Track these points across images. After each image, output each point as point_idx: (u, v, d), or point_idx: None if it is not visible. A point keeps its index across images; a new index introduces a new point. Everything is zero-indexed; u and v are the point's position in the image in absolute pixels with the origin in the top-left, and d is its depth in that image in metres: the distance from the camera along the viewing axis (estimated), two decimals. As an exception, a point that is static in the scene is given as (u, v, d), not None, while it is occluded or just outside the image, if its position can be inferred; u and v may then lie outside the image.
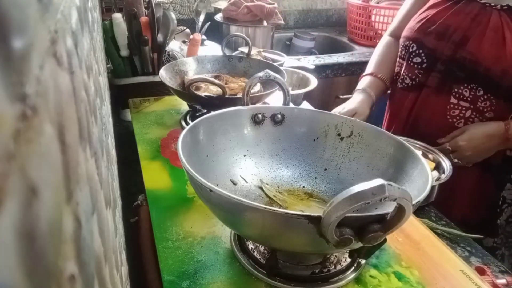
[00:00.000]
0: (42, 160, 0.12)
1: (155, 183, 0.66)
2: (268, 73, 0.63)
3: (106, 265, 0.26)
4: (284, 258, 0.49)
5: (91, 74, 0.34)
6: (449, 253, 0.54)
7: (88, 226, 0.20)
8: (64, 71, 0.18)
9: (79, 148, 0.20)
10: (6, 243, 0.09)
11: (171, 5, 1.78)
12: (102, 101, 0.48)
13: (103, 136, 0.40)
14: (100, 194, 0.28)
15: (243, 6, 1.52)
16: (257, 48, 1.37)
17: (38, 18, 0.14)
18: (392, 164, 0.56)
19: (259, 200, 0.59)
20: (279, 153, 0.63)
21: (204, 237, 0.54)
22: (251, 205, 0.39)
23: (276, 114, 0.63)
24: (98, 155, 0.30)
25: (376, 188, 0.34)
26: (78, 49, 0.24)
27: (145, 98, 0.97)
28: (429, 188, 0.44)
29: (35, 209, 0.11)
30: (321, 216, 0.37)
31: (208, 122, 0.58)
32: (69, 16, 0.22)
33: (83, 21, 0.31)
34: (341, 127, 0.61)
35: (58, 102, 0.15)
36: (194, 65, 0.94)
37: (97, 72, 0.45)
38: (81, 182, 0.19)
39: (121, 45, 0.99)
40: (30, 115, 0.11)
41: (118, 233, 0.43)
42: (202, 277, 0.48)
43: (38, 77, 0.13)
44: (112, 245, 0.32)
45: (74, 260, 0.15)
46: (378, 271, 0.51)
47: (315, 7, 2.13)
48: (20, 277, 0.10)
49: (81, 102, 0.23)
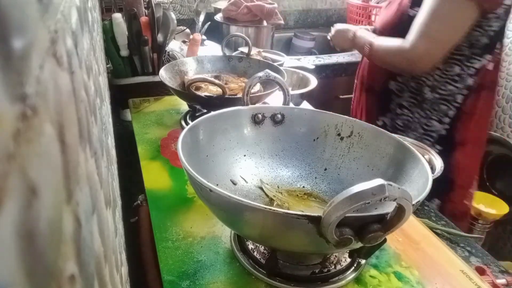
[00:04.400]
0: (42, 160, 0.12)
1: (155, 183, 0.66)
2: (268, 73, 0.63)
3: (106, 265, 0.26)
4: (284, 258, 0.49)
5: (91, 74, 0.34)
6: (449, 253, 0.54)
7: (88, 226, 0.20)
8: (64, 71, 0.18)
9: (79, 148, 0.20)
10: (6, 243, 0.09)
11: (171, 5, 1.78)
12: (102, 101, 0.48)
13: (103, 136, 0.40)
14: (100, 194, 0.28)
15: (243, 6, 1.52)
16: (257, 48, 1.37)
17: (38, 18, 0.14)
18: (392, 164, 0.56)
19: (259, 200, 0.59)
20: (279, 153, 0.63)
21: (204, 237, 0.54)
22: (251, 205, 0.39)
23: (276, 114, 0.63)
24: (98, 155, 0.30)
25: (376, 188, 0.34)
26: (78, 49, 0.24)
27: (145, 98, 0.97)
28: (429, 188, 0.44)
29: (35, 209, 0.11)
30: (321, 216, 0.37)
31: (208, 122, 0.58)
32: (69, 16, 0.22)
33: (83, 21, 0.31)
34: (341, 127, 0.61)
35: (58, 102, 0.15)
36: (194, 65, 0.94)
37: (97, 72, 0.45)
38: (81, 182, 0.19)
39: (121, 45, 0.99)
40: (30, 115, 0.11)
41: (118, 233, 0.43)
42: (202, 277, 0.48)
43: (38, 77, 0.13)
44: (112, 245, 0.32)
45: (74, 260, 0.15)
46: (378, 271, 0.51)
47: (315, 7, 2.13)
48: (20, 277, 0.10)
49: (81, 102, 0.23)
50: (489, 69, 0.99)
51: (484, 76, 1.00)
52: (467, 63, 0.98)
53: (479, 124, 1.04)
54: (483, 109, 1.04)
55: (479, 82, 1.00)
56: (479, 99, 1.01)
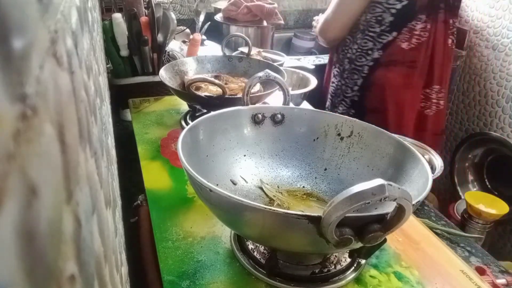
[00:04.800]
0: (42, 160, 0.12)
1: (155, 183, 0.66)
2: (268, 73, 0.63)
3: (106, 265, 0.26)
4: (284, 258, 0.49)
5: (91, 74, 0.34)
6: (449, 253, 0.54)
7: (88, 226, 0.20)
8: (64, 71, 0.18)
9: (79, 148, 0.20)
10: (6, 243, 0.09)
11: (171, 5, 1.78)
12: (102, 101, 0.48)
13: (103, 136, 0.40)
14: (100, 194, 0.28)
15: (243, 6, 1.52)
16: (257, 48, 1.37)
17: (38, 18, 0.14)
18: (392, 164, 0.56)
19: (259, 200, 0.59)
20: (279, 153, 0.63)
21: (204, 237, 0.54)
22: (251, 205, 0.39)
23: (276, 114, 0.63)
24: (98, 155, 0.30)
25: (376, 188, 0.34)
26: (78, 49, 0.24)
27: (145, 98, 0.97)
28: (429, 188, 0.44)
29: (35, 209, 0.11)
30: (321, 216, 0.37)
31: (208, 122, 0.58)
32: (69, 16, 0.22)
33: (83, 21, 0.31)
34: (341, 127, 0.61)
35: (58, 102, 0.15)
36: (194, 65, 0.94)
37: (97, 72, 0.45)
38: (81, 182, 0.19)
39: (121, 45, 0.99)
40: (30, 115, 0.11)
41: (118, 233, 0.43)
42: (202, 277, 0.48)
43: (38, 77, 0.13)
44: (112, 245, 0.32)
45: (74, 260, 0.15)
46: (378, 271, 0.51)
47: (315, 7, 2.13)
48: (20, 277, 0.10)
49: (81, 102, 0.23)
50: (403, 47, 1.15)
51: (395, 52, 1.15)
52: (378, 39, 1.15)
53: (395, 96, 1.20)
54: (398, 83, 1.18)
55: (389, 57, 1.16)
56: (390, 73, 1.17)
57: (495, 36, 1.69)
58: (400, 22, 1.13)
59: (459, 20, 1.75)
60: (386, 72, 1.18)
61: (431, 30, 1.15)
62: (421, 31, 1.14)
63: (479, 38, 1.77)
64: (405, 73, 1.18)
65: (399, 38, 1.14)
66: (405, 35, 1.14)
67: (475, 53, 1.80)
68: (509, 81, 1.66)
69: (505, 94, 1.68)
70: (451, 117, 1.97)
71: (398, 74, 1.18)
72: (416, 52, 1.16)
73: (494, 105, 1.73)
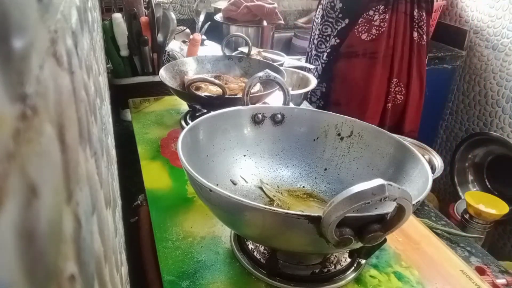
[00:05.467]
0: (42, 160, 0.12)
1: (155, 183, 0.66)
2: (268, 73, 0.63)
3: (106, 265, 0.26)
4: (284, 258, 0.49)
5: (91, 74, 0.34)
6: (449, 253, 0.54)
7: (88, 226, 0.20)
8: (64, 71, 0.18)
9: (79, 148, 0.20)
10: (6, 243, 0.09)
11: (171, 5, 1.78)
12: (102, 101, 0.48)
13: (103, 136, 0.40)
14: (100, 194, 0.28)
15: (243, 6, 1.51)
16: (257, 48, 1.37)
17: (38, 18, 0.14)
18: (392, 164, 0.56)
19: (259, 200, 0.59)
20: (279, 153, 0.63)
21: (204, 237, 0.54)
22: (251, 205, 0.39)
23: (276, 114, 0.63)
24: (98, 155, 0.30)
25: (376, 188, 0.34)
26: (78, 49, 0.24)
27: (145, 98, 0.97)
28: (429, 188, 0.44)
29: (35, 209, 0.11)
30: (321, 216, 0.37)
31: (208, 122, 0.58)
32: (69, 16, 0.22)
33: (83, 21, 0.31)
34: (341, 127, 0.61)
35: (58, 102, 0.15)
36: (194, 65, 0.94)
37: (97, 72, 0.45)
38: (81, 182, 0.19)
39: (121, 45, 0.99)
40: (30, 115, 0.11)
41: (118, 233, 0.43)
42: (202, 277, 0.48)
43: (38, 77, 0.13)
44: (112, 245, 0.32)
45: (74, 260, 0.15)
46: (378, 271, 0.51)
47: (315, 7, 2.13)
48: (20, 277, 0.10)
49: (81, 102, 0.23)
50: (363, 39, 1.16)
51: (355, 44, 1.16)
52: (335, 26, 1.18)
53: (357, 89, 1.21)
54: (359, 76, 1.19)
55: (349, 49, 1.17)
56: (350, 65, 1.19)
57: (495, 36, 1.69)
58: (350, 9, 1.14)
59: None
60: (348, 64, 1.19)
61: (391, 21, 1.14)
62: (380, 22, 1.14)
63: (479, 38, 1.77)
64: (367, 65, 1.18)
65: (356, 28, 1.15)
66: (363, 26, 1.14)
67: (475, 53, 1.80)
68: (509, 81, 1.66)
69: (505, 94, 1.68)
70: (451, 117, 1.97)
71: (359, 66, 1.18)
72: (377, 43, 1.16)
73: (494, 105, 1.73)
